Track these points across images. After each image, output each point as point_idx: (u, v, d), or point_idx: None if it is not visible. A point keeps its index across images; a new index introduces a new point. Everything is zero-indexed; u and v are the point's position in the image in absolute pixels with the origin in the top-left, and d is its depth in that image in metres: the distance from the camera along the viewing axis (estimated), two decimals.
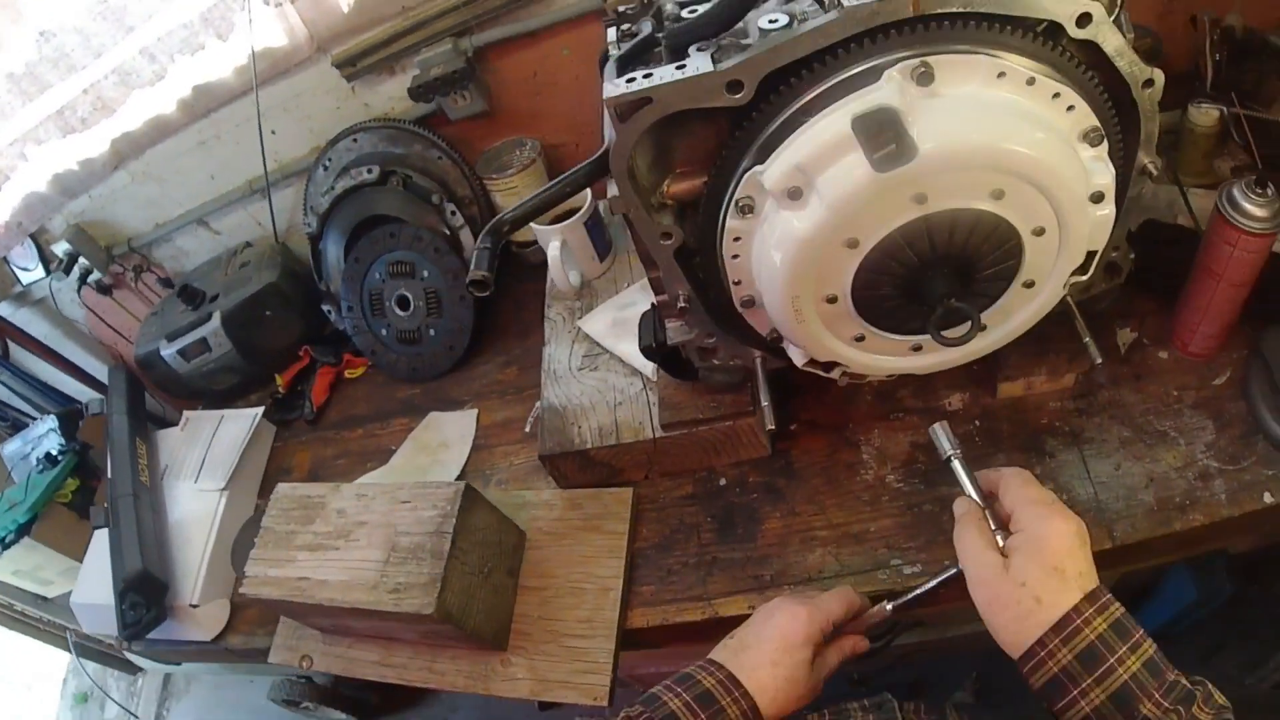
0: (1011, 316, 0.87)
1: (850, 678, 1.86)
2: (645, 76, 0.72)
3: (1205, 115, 1.22)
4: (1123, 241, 0.95)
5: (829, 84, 0.72)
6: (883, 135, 0.68)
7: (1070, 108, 0.74)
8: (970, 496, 0.82)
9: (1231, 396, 1.06)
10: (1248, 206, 0.92)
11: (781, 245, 0.75)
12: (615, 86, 0.72)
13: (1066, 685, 0.69)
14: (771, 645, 0.84)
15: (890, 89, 0.68)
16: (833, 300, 0.81)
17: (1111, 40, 0.75)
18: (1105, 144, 0.76)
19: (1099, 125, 0.75)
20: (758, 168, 0.74)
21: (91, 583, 1.52)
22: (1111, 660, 0.68)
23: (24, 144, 1.74)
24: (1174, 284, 1.08)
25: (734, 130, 0.76)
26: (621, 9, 1.06)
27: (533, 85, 1.60)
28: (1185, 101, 1.24)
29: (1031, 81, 0.72)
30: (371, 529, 1.16)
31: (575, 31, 1.50)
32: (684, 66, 0.72)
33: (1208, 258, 1.00)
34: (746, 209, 0.77)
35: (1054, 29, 0.74)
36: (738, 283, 0.85)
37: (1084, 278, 0.87)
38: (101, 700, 2.81)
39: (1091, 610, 0.70)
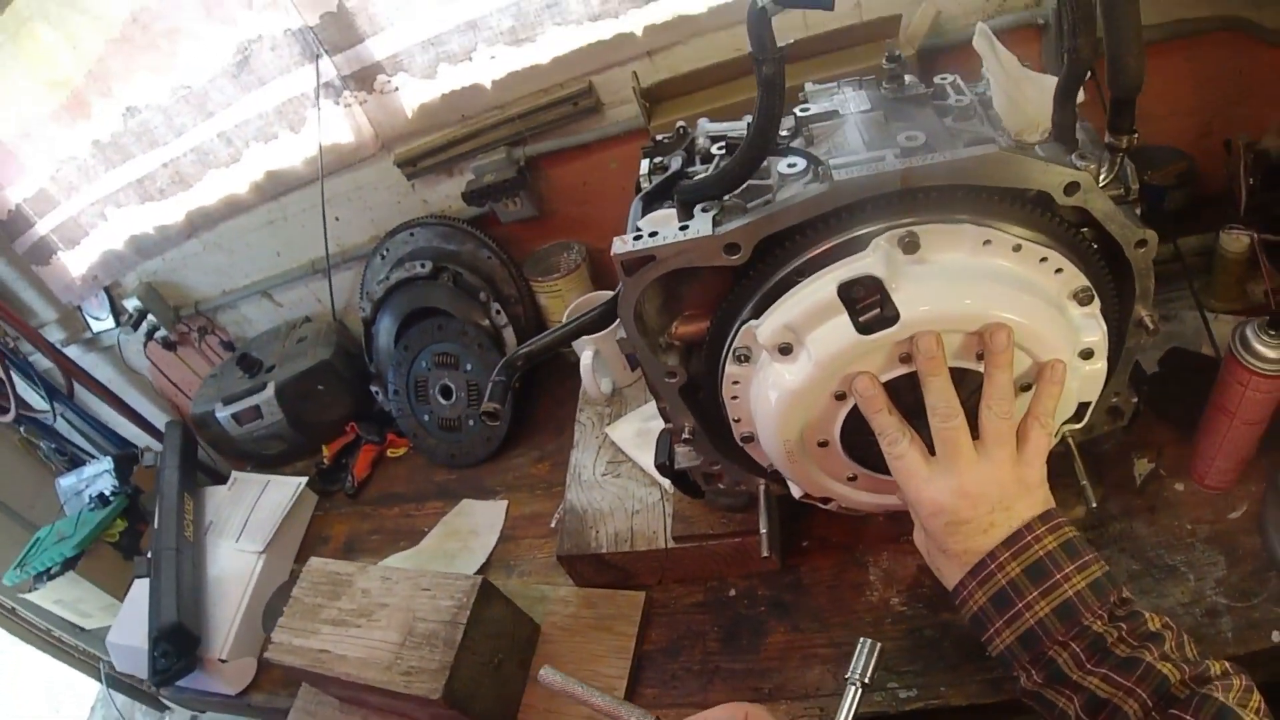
0: None
1: None
2: (651, 235, 0.78)
3: (1236, 241, 1.23)
4: (1124, 387, 0.96)
5: (820, 249, 0.77)
6: (867, 302, 0.72)
7: (1059, 270, 0.77)
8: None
9: (1246, 530, 1.05)
10: (1260, 348, 0.93)
11: (774, 395, 0.80)
12: (623, 243, 0.79)
13: (1012, 598, 0.72)
14: None
15: (876, 257, 0.73)
16: (824, 445, 0.85)
17: (1100, 206, 0.78)
18: (1096, 302, 0.79)
19: (1089, 285, 0.78)
20: (753, 321, 0.79)
21: (129, 626, 1.60)
22: (1058, 575, 0.71)
23: (105, 205, 1.90)
24: (1194, 414, 1.08)
25: (734, 284, 0.82)
26: (660, 137, 1.13)
27: (582, 193, 1.69)
28: (1219, 225, 1.25)
29: (1018, 248, 0.75)
30: (392, 611, 1.22)
31: (623, 146, 1.59)
32: (687, 228, 0.78)
33: (1221, 396, 1.00)
34: (743, 358, 0.82)
35: (1044, 197, 0.77)
36: (737, 420, 0.89)
37: (1077, 426, 0.90)
38: None
39: (1044, 529, 0.73)
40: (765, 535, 1.00)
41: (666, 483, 1.22)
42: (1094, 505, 0.95)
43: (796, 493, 0.96)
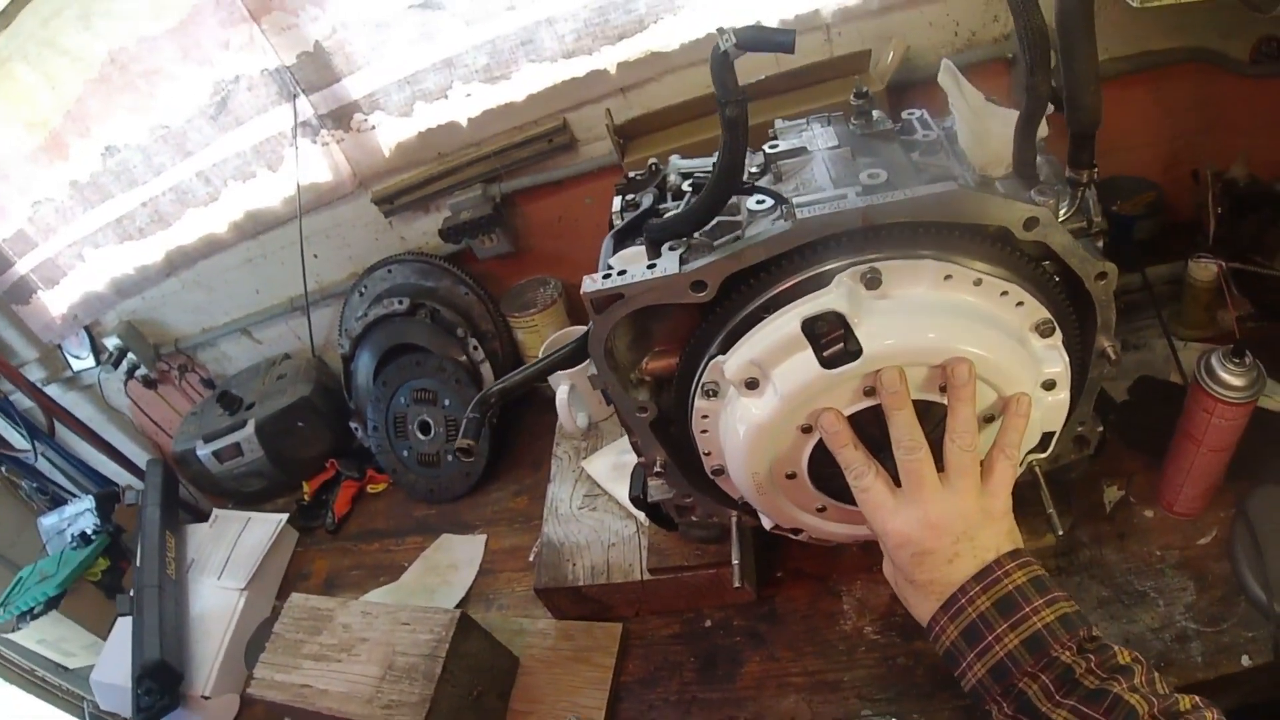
0: None
1: None
2: (620, 274, 0.80)
3: (1204, 270, 1.25)
4: (1089, 417, 0.97)
5: (785, 285, 0.78)
6: (831, 337, 0.74)
7: (1020, 303, 0.78)
8: None
9: (1215, 556, 1.06)
10: (1225, 376, 0.94)
11: (742, 428, 0.81)
12: (592, 282, 0.80)
13: (982, 631, 0.72)
14: None
15: (839, 293, 0.74)
16: (792, 476, 0.86)
17: (1059, 240, 0.79)
18: (1058, 334, 0.80)
19: (1050, 318, 0.79)
20: (720, 357, 0.80)
21: (112, 664, 1.59)
22: (1027, 609, 0.71)
23: (82, 246, 1.91)
24: (1163, 442, 1.09)
25: (702, 320, 0.83)
26: (633, 174, 1.15)
27: (557, 229, 1.72)
28: (1187, 254, 1.27)
29: (979, 282, 0.77)
30: (372, 646, 1.22)
31: (597, 182, 1.61)
32: (654, 266, 0.80)
33: (1188, 423, 1.02)
34: (712, 392, 0.83)
35: (1005, 231, 0.78)
36: (708, 453, 0.90)
37: (1041, 456, 0.91)
38: None
39: (1013, 564, 0.74)
40: (737, 566, 1.01)
41: (642, 516, 1.23)
42: (1060, 533, 0.95)
43: (767, 524, 0.97)
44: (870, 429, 0.80)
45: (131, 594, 1.59)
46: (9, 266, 2.00)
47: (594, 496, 1.40)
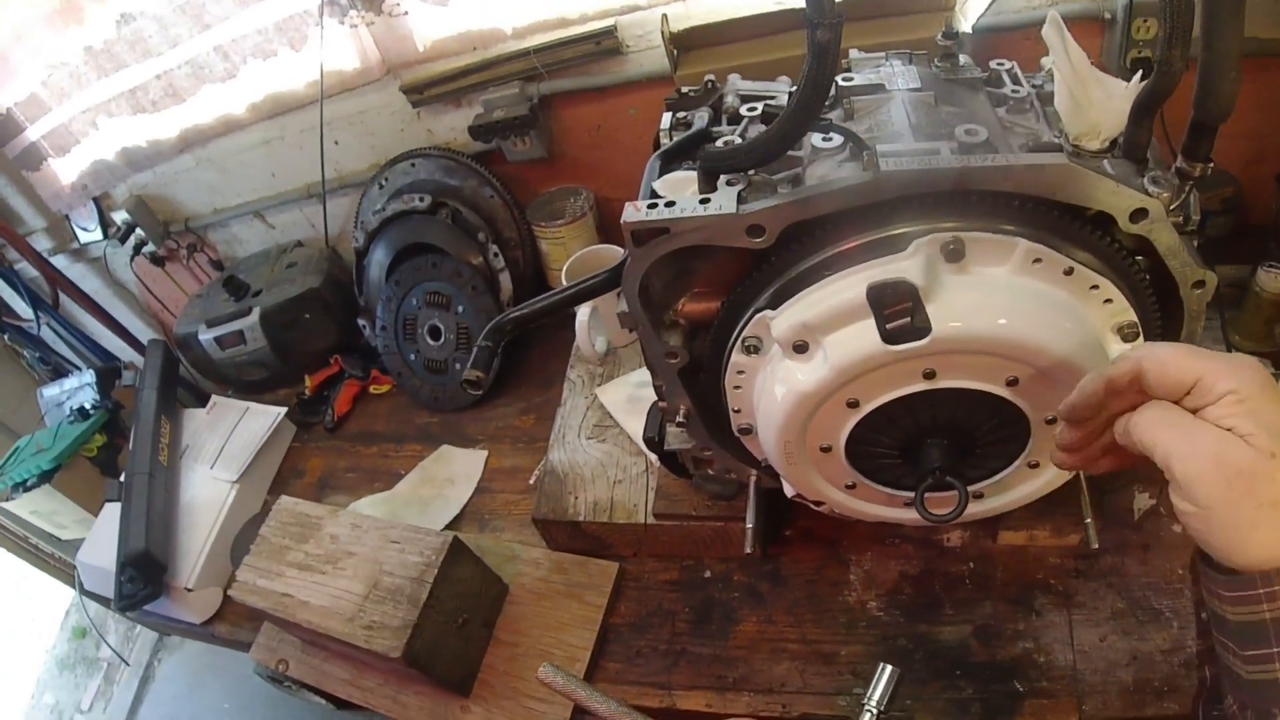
0: (1011, 490, 0.84)
1: None
2: (668, 205, 0.72)
3: (1273, 280, 1.17)
4: None
5: (853, 243, 0.70)
6: (897, 309, 0.66)
7: (1108, 300, 0.71)
8: None
9: None
10: None
11: (781, 391, 0.74)
12: (635, 211, 0.72)
13: None
14: None
15: (916, 261, 0.66)
16: (826, 450, 0.79)
17: (1165, 239, 0.71)
18: (1141, 340, 0.73)
19: (1136, 320, 0.72)
20: (769, 312, 0.73)
21: (98, 547, 1.57)
22: None
23: (96, 114, 1.82)
24: None
25: (753, 268, 0.75)
26: (685, 90, 1.05)
27: (595, 138, 1.61)
28: (1258, 259, 1.19)
29: (1070, 271, 0.69)
30: (359, 561, 1.18)
31: (644, 93, 1.50)
32: (708, 201, 0.71)
33: None
34: (753, 348, 0.76)
35: (1103, 218, 0.70)
36: (737, 411, 0.84)
37: None
38: (97, 640, 2.88)
39: None
40: (751, 531, 0.95)
41: (653, 456, 1.17)
42: (1095, 546, 0.89)
43: (789, 491, 0.91)
44: (921, 415, 0.74)
45: (121, 480, 1.56)
46: (20, 131, 1.91)
47: (605, 427, 1.33)
